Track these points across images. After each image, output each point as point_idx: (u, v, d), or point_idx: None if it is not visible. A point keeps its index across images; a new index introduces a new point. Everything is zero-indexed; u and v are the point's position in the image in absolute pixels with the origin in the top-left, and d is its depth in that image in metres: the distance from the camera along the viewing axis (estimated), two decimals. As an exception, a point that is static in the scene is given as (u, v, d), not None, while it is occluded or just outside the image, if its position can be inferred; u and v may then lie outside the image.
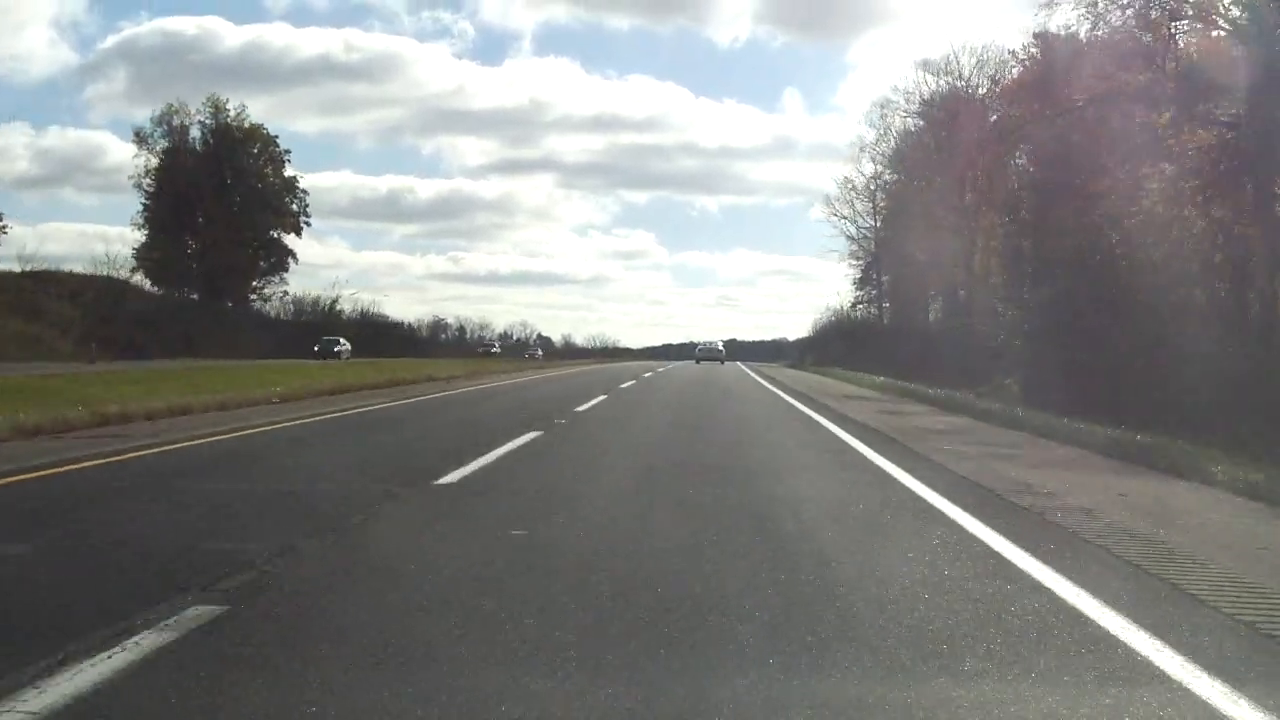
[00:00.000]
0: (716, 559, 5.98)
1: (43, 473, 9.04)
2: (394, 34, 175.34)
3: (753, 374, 38.82)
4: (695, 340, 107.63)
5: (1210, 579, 5.77)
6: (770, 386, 27.20)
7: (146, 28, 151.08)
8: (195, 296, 67.80)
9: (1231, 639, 4.58)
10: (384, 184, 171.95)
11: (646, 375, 33.20)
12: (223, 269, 66.73)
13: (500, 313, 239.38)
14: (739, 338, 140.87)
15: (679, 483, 9.23)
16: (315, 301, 73.47)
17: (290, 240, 72.67)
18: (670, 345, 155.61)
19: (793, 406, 20.14)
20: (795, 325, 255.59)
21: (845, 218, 63.06)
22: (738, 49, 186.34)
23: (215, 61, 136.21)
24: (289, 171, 72.30)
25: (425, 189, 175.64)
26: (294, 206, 72.21)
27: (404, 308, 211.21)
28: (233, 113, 69.62)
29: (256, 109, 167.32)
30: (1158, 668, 4.12)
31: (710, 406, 20.35)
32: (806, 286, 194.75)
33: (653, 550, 6.25)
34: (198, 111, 69.14)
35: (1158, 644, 4.39)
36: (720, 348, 70.77)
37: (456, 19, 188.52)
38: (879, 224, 63.17)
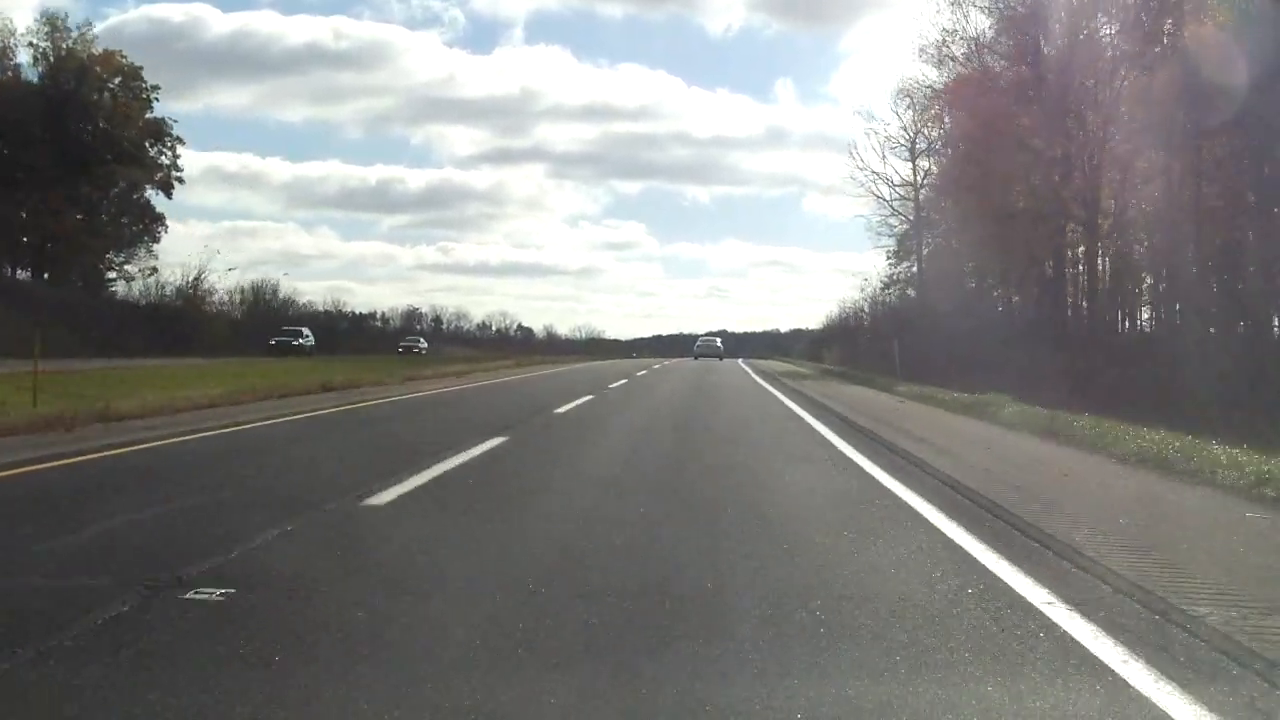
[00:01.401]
0: None
1: None
2: (384, 22, 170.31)
3: (803, 412, 16.85)
4: (685, 332, 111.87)
5: None
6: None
7: (133, 14, 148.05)
8: (26, 274, 51.76)
9: None
10: (373, 174, 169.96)
11: (557, 413, 15.04)
12: (63, 238, 50.61)
13: (491, 304, 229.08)
14: (730, 329, 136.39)
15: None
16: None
17: (160, 202, 56.39)
18: (660, 337, 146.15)
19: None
20: (787, 317, 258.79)
21: (876, 174, 47.43)
22: (730, 37, 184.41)
23: (202, 49, 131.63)
24: (158, 112, 55.84)
25: (415, 179, 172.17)
26: (163, 158, 55.90)
27: (394, 298, 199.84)
28: (75, 33, 53.21)
29: (244, 97, 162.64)
30: None
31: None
32: (798, 278, 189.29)
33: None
34: (28, 31, 52.89)
35: None
36: (719, 344, 69.78)
37: (447, 6, 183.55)
38: (924, 177, 47.47)
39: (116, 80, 54.29)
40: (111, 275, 55.38)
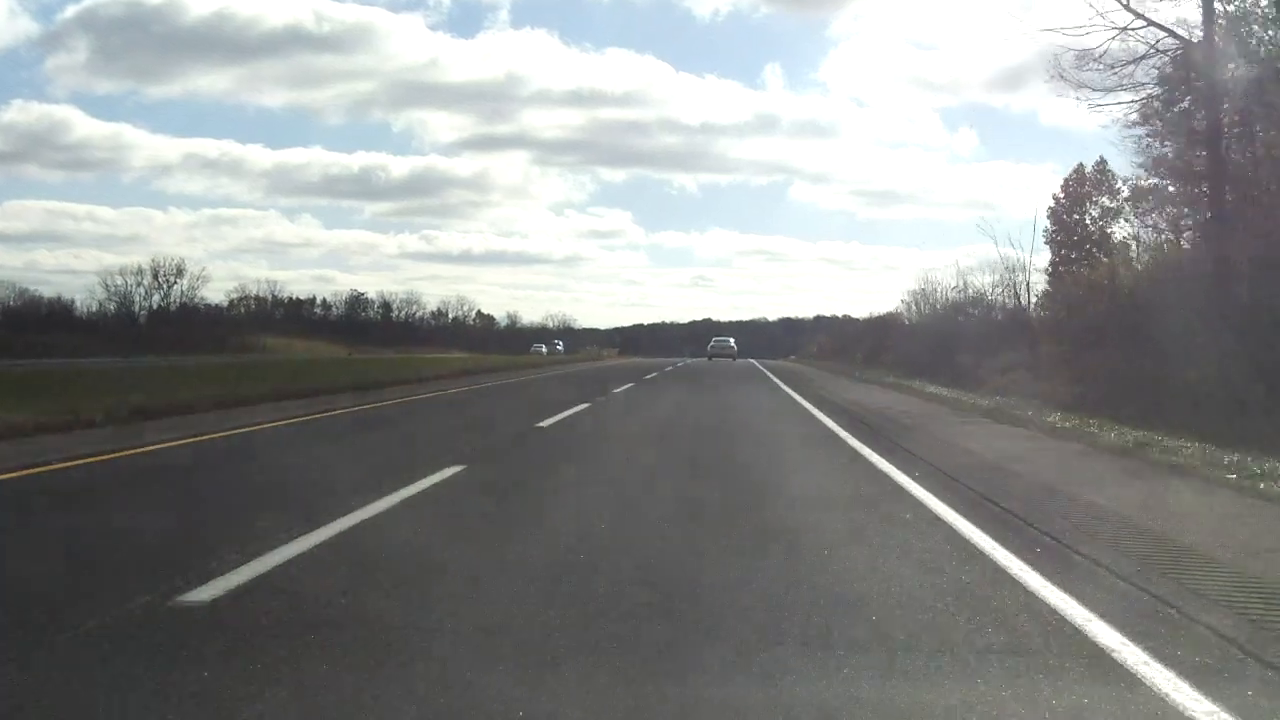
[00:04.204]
0: None
1: None
2: (366, 4, 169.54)
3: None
4: (668, 321, 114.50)
5: None
6: None
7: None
8: None
9: None
10: (356, 161, 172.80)
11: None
12: None
13: (475, 292, 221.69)
14: (714, 318, 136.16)
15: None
16: None
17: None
18: (641, 326, 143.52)
19: None
20: (772, 306, 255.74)
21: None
22: (719, 21, 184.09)
23: (180, 32, 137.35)
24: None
25: (398, 166, 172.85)
26: None
27: (376, 287, 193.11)
28: None
29: (223, 81, 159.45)
30: None
31: None
32: (782, 267, 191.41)
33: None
34: None
35: None
36: (733, 344, 67.77)
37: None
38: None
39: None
40: None
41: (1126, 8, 19.42)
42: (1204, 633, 4.39)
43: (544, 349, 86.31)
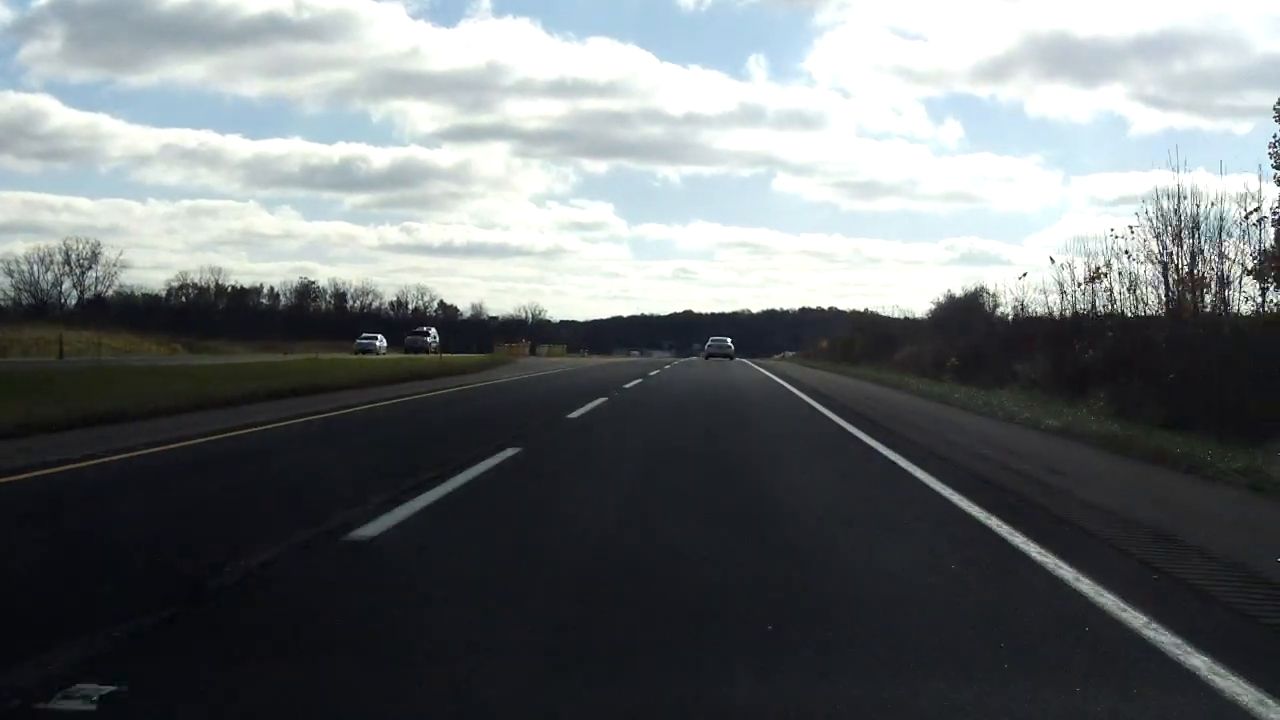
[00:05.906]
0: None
1: None
2: None
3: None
4: (647, 313, 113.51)
5: None
6: None
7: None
8: None
9: None
10: (336, 152, 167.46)
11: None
12: None
13: (457, 285, 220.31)
14: (695, 310, 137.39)
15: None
16: None
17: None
18: (620, 319, 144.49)
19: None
20: (754, 299, 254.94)
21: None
22: (703, 11, 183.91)
23: (157, 19, 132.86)
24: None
25: (378, 157, 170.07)
26: None
27: (356, 280, 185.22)
28: None
29: (201, 70, 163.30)
30: None
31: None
32: (765, 260, 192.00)
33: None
34: None
35: None
36: (729, 344, 67.48)
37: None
38: None
39: None
40: None
41: None
42: None
43: (380, 344, 54.03)
